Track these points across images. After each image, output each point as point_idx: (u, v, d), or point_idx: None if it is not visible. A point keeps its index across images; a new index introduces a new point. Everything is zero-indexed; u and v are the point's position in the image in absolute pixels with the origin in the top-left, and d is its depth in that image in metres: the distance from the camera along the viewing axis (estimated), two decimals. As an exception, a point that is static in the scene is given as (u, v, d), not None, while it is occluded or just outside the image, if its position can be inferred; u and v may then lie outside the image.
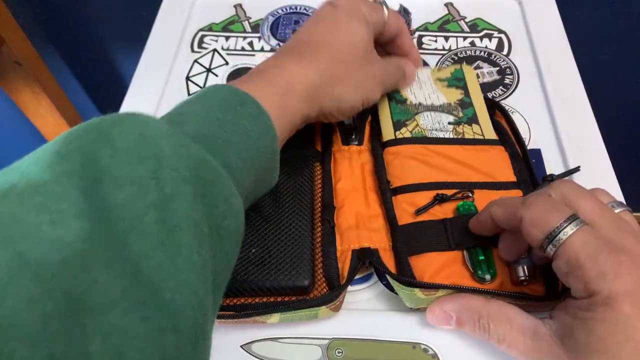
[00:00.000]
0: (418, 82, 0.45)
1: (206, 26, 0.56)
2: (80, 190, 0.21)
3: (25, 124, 0.92)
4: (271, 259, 0.34)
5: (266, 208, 0.37)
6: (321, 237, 0.36)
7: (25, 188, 0.20)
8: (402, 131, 0.41)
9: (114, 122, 0.23)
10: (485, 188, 0.37)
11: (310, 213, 0.37)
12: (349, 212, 0.38)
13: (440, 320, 0.33)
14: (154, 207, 0.22)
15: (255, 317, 0.32)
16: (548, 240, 0.27)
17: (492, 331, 0.30)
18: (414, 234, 0.35)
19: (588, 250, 0.26)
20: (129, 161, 0.22)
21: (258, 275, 0.33)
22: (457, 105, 0.43)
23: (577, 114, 0.45)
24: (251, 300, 0.34)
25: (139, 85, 0.50)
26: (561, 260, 0.27)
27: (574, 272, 0.27)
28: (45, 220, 0.19)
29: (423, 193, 0.37)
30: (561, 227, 0.27)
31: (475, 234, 0.34)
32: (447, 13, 0.56)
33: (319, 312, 0.33)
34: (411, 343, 0.33)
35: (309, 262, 0.34)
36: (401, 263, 0.34)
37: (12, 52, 0.75)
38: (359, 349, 0.33)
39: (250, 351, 0.34)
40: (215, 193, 0.25)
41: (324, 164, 0.40)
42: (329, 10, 0.36)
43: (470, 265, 0.34)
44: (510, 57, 0.51)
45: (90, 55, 0.89)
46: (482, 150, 0.40)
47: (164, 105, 0.49)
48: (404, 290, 0.33)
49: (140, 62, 0.52)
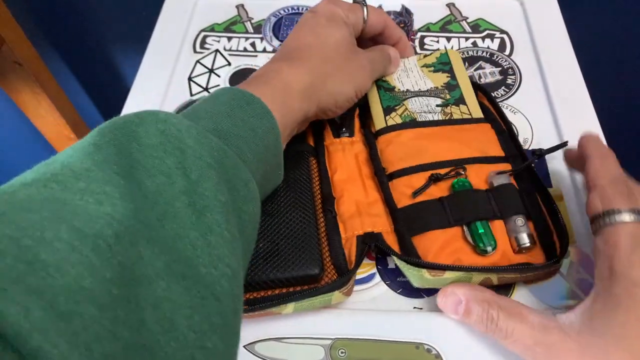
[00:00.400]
0: (405, 70, 0.46)
1: (208, 27, 0.56)
2: (120, 176, 0.23)
3: (25, 124, 0.92)
4: (279, 251, 0.35)
5: (268, 203, 0.37)
6: (325, 226, 0.37)
7: (66, 176, 0.22)
8: (392, 116, 0.42)
9: (138, 123, 0.25)
10: (477, 163, 0.39)
11: (311, 205, 0.38)
12: (349, 200, 0.38)
13: (449, 303, 0.33)
14: (183, 192, 0.24)
15: (271, 308, 0.33)
16: (603, 216, 0.29)
17: (500, 323, 0.30)
18: (413, 215, 0.37)
19: (630, 241, 0.27)
20: (155, 155, 0.24)
21: (268, 269, 0.34)
22: (443, 88, 0.44)
23: (580, 113, 0.45)
24: (264, 293, 0.34)
25: (141, 85, 0.50)
26: (602, 238, 0.28)
27: (607, 251, 0.28)
28: (91, 201, 0.21)
29: (418, 175, 0.38)
30: (621, 211, 0.28)
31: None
32: (449, 13, 0.56)
33: (332, 297, 0.33)
34: (414, 343, 0.33)
35: (317, 251, 0.35)
36: (405, 244, 0.35)
37: (12, 52, 0.75)
38: (362, 349, 0.33)
39: (254, 351, 0.34)
40: (236, 178, 0.27)
41: (319, 157, 0.41)
42: (310, 16, 0.40)
43: (471, 239, 0.35)
44: (512, 58, 0.51)
45: (90, 56, 0.88)
46: (470, 128, 0.41)
47: (166, 106, 0.49)
48: (411, 270, 0.33)
49: (143, 62, 0.52)
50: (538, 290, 0.36)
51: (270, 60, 0.38)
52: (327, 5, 0.40)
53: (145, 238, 0.21)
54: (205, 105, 0.31)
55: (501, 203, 0.36)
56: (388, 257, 0.38)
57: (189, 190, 0.24)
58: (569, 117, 0.45)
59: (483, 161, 0.39)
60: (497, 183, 0.37)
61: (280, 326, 0.35)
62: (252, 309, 0.32)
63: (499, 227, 0.35)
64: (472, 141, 0.40)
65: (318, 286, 0.34)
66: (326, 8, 0.39)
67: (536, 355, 0.29)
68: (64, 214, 0.20)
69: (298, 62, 0.36)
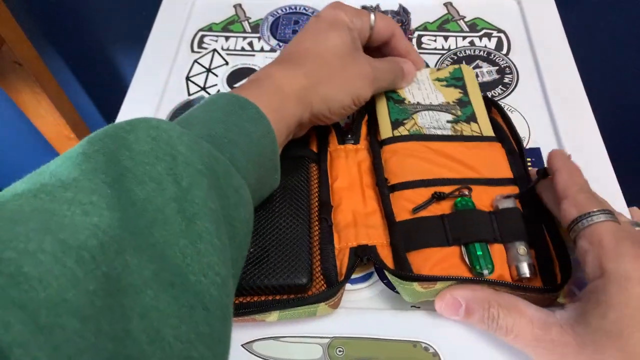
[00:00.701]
0: (416, 82, 0.45)
1: (206, 26, 0.56)
2: (108, 185, 0.23)
3: (25, 124, 0.92)
4: (269, 257, 0.34)
5: (261, 209, 0.37)
6: (319, 235, 0.37)
7: (55, 186, 0.22)
8: (400, 130, 0.41)
9: (129, 130, 0.25)
10: (483, 184, 0.38)
11: (307, 212, 0.37)
12: (346, 210, 0.38)
13: (449, 307, 0.33)
14: (173, 199, 0.23)
15: (254, 315, 0.32)
16: (580, 218, 0.30)
17: (501, 320, 0.30)
18: (411, 230, 0.36)
19: (612, 236, 0.28)
20: (146, 162, 0.24)
21: (256, 274, 0.34)
22: (455, 104, 0.43)
23: (577, 112, 0.46)
24: (250, 298, 0.34)
25: (139, 85, 0.50)
26: (585, 240, 0.29)
27: (594, 249, 0.28)
28: (77, 212, 0.21)
29: (420, 190, 0.37)
30: (596, 213, 0.29)
31: (474, 229, 0.34)
32: (447, 13, 0.56)
33: (317, 309, 0.33)
34: (412, 342, 0.34)
35: (307, 260, 0.34)
36: (399, 259, 0.34)
37: (12, 52, 0.75)
38: (360, 347, 0.34)
39: (252, 350, 0.34)
40: (227, 185, 0.27)
41: (320, 163, 0.41)
42: (313, 21, 0.40)
43: (468, 260, 0.34)
44: (509, 57, 0.51)
45: (90, 55, 0.89)
46: (479, 147, 0.40)
47: (164, 105, 0.49)
48: (402, 284, 0.33)
49: (141, 62, 0.52)
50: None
51: (268, 64, 0.38)
52: (331, 10, 0.39)
53: (132, 247, 0.21)
54: (199, 111, 0.31)
55: (503, 227, 0.35)
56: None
57: (179, 197, 0.24)
58: (566, 116, 0.45)
59: (490, 183, 0.38)
60: (502, 206, 0.36)
61: (278, 325, 0.35)
62: (235, 314, 0.32)
63: (498, 252, 0.34)
64: (480, 160, 0.39)
65: (305, 296, 0.33)
66: (330, 13, 0.39)
67: (536, 350, 0.29)
68: (51, 225, 0.20)
69: (294, 65, 0.36)
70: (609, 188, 0.40)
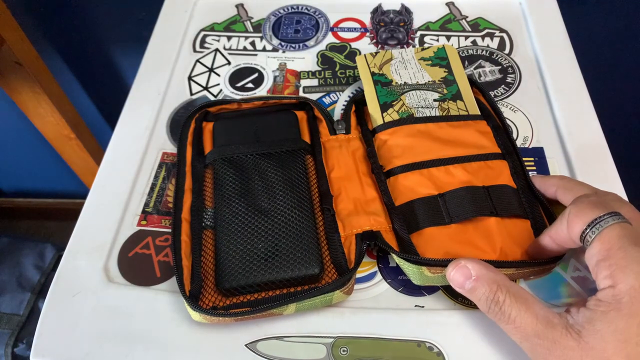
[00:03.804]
0: (402, 61, 0.46)
1: (208, 26, 0.56)
2: None
3: (25, 124, 0.92)
4: (279, 252, 0.35)
5: (264, 204, 0.37)
6: (323, 225, 0.37)
7: None
8: (389, 112, 0.42)
9: None
10: (474, 161, 0.39)
11: (309, 204, 0.38)
12: (347, 198, 0.38)
13: (459, 274, 0.32)
14: None
15: (272, 310, 0.33)
16: (588, 227, 0.29)
17: (505, 306, 0.30)
18: (411, 212, 0.37)
19: (623, 242, 0.27)
20: None
21: (269, 269, 0.34)
22: (441, 83, 0.44)
23: (579, 111, 0.46)
24: (264, 294, 0.34)
25: (141, 84, 0.50)
26: (595, 248, 0.28)
27: (605, 259, 0.28)
28: None
29: (415, 172, 0.38)
30: (603, 217, 0.29)
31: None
32: (449, 12, 0.56)
33: (333, 297, 0.33)
34: (416, 341, 0.34)
35: (316, 251, 0.35)
36: (403, 241, 0.35)
37: (12, 52, 0.75)
38: (364, 347, 0.34)
39: (255, 350, 0.34)
40: None
41: (315, 154, 0.41)
42: None
43: None
44: (512, 56, 0.51)
45: (90, 55, 0.88)
46: (467, 125, 0.41)
47: (166, 105, 0.49)
48: (411, 267, 0.33)
49: (143, 61, 0.52)
50: (538, 288, 0.36)
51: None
52: None
53: None
54: None
55: (499, 201, 0.36)
56: (389, 255, 0.38)
57: None
58: (569, 115, 0.45)
59: (481, 158, 0.39)
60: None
61: (282, 325, 0.35)
62: (253, 311, 0.32)
63: (495, 225, 0.35)
64: (469, 138, 0.40)
65: (319, 286, 0.34)
66: None
67: (534, 346, 0.29)
68: None
69: None
70: (611, 187, 0.40)
